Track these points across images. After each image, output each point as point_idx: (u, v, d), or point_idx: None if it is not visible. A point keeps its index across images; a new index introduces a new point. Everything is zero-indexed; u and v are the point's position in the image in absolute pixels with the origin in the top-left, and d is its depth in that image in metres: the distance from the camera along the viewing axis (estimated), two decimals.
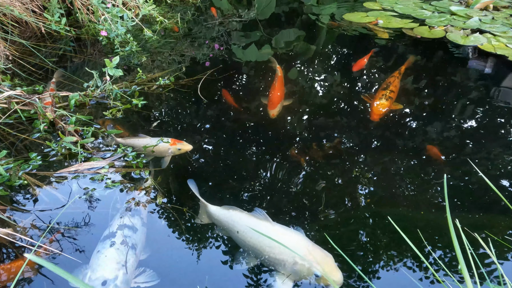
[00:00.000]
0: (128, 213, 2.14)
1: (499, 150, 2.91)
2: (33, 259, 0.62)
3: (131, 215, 2.13)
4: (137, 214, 2.16)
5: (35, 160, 2.56)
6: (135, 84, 3.52)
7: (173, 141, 2.60)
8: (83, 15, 4.58)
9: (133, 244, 1.95)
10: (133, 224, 2.06)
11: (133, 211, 2.17)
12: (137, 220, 2.11)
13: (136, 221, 2.10)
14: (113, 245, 1.91)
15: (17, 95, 2.84)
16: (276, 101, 3.25)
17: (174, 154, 2.63)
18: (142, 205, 2.26)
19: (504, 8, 5.79)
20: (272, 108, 3.20)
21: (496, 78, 3.99)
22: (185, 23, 5.18)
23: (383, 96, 3.26)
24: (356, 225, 2.28)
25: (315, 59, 4.48)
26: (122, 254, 1.87)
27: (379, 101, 3.22)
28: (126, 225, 2.04)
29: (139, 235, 2.04)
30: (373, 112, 3.16)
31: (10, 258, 1.99)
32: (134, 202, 2.31)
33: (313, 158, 2.78)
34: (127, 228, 2.02)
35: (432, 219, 2.30)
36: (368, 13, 5.64)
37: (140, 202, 2.28)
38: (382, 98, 3.24)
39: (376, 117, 3.12)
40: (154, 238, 2.15)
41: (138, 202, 2.27)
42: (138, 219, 2.13)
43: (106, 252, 1.87)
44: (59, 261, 1.98)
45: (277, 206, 2.40)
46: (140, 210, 2.21)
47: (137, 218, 2.13)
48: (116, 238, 1.95)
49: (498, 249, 2.07)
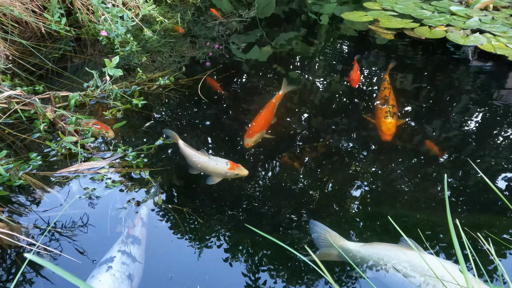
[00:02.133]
0: (130, 240, 2.04)
1: (499, 150, 2.91)
2: (33, 259, 0.62)
3: (131, 242, 2.03)
4: (137, 243, 2.05)
5: (35, 160, 2.56)
6: (135, 84, 3.52)
7: (231, 164, 2.51)
8: (83, 15, 4.58)
9: (130, 274, 1.85)
10: (133, 254, 1.96)
11: (133, 239, 2.06)
12: (136, 250, 2.01)
13: (135, 251, 1.99)
14: (109, 269, 1.82)
15: (17, 95, 2.84)
16: (255, 130, 2.89)
17: (229, 177, 2.53)
18: (141, 235, 2.12)
19: (504, 8, 5.79)
20: (248, 136, 2.84)
21: (496, 78, 3.99)
22: (185, 23, 5.18)
23: (388, 114, 3.06)
24: (356, 225, 2.28)
25: (315, 58, 4.48)
26: (117, 281, 1.77)
27: (386, 119, 3.01)
28: (125, 252, 1.95)
29: (137, 267, 1.93)
30: (384, 134, 2.94)
31: (11, 258, 1.99)
32: (135, 202, 2.31)
33: (309, 158, 2.78)
34: (126, 255, 1.93)
35: (432, 218, 2.30)
36: (368, 13, 5.64)
37: (140, 234, 2.13)
38: (387, 116, 3.04)
39: (388, 138, 2.92)
40: (154, 238, 2.15)
41: (139, 228, 2.17)
42: (138, 249, 2.02)
43: (101, 277, 1.78)
44: (59, 262, 1.98)
45: (276, 205, 2.40)
46: (140, 240, 2.09)
47: (136, 247, 2.02)
48: (114, 263, 1.86)
49: (498, 249, 2.07)
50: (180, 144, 2.70)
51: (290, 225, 2.28)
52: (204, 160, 2.56)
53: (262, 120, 2.99)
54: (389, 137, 2.93)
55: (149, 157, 2.69)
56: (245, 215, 2.34)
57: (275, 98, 3.27)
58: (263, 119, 3.00)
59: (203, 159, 2.56)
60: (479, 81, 3.94)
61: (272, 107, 3.17)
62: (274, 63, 4.23)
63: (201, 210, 2.35)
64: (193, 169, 2.58)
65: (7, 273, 1.91)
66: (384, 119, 3.04)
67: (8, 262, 1.96)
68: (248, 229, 2.10)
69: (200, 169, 2.56)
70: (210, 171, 2.53)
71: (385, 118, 3.04)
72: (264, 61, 4.30)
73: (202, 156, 2.58)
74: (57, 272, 0.59)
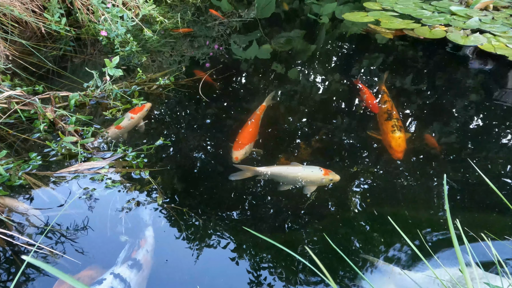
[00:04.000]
0: (129, 263, 1.91)
1: (499, 150, 2.91)
2: (31, 261, 0.62)
3: (129, 266, 1.89)
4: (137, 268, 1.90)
5: (35, 160, 2.56)
6: (135, 84, 3.52)
7: (325, 170, 2.49)
8: (83, 15, 4.58)
9: None
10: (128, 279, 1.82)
11: (133, 263, 1.92)
12: (133, 275, 1.85)
13: (132, 277, 1.84)
14: None
15: (17, 95, 2.84)
16: (244, 142, 2.73)
17: (324, 184, 2.51)
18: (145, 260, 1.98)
19: (504, 8, 5.78)
20: (237, 148, 2.68)
21: (496, 78, 3.99)
22: (185, 23, 5.18)
23: (394, 128, 2.89)
24: (355, 225, 2.28)
25: (314, 58, 4.48)
26: None
27: (394, 134, 2.84)
28: (119, 276, 1.81)
29: None
30: (396, 151, 2.74)
31: (9, 259, 1.99)
32: (135, 202, 2.31)
33: (308, 157, 2.78)
34: (119, 279, 1.80)
35: (432, 218, 2.30)
36: (368, 13, 5.64)
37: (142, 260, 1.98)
38: (394, 131, 2.86)
39: (400, 155, 2.73)
40: (154, 238, 2.15)
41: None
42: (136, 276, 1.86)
43: None
44: (59, 262, 1.98)
45: (277, 205, 2.40)
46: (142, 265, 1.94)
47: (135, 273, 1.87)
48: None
49: (498, 249, 2.07)
50: (264, 170, 2.53)
51: (290, 225, 2.28)
52: (299, 170, 2.50)
53: (249, 132, 2.86)
54: (401, 154, 2.73)
55: (149, 157, 2.69)
56: (245, 215, 2.34)
57: (259, 109, 3.13)
58: (250, 131, 2.87)
59: (298, 170, 2.50)
60: (479, 81, 3.94)
61: (257, 119, 3.04)
62: (273, 62, 4.23)
63: (201, 210, 2.35)
64: (285, 185, 2.50)
65: (7, 273, 1.90)
66: (392, 133, 2.84)
67: (8, 262, 1.96)
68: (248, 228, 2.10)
69: (294, 181, 2.49)
70: (306, 180, 2.48)
71: (393, 133, 2.84)
72: (263, 60, 4.30)
73: (296, 168, 2.52)
74: (55, 274, 0.59)
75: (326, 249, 2.09)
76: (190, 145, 2.91)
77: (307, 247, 2.11)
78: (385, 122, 3.02)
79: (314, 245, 2.13)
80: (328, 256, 2.08)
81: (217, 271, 2.02)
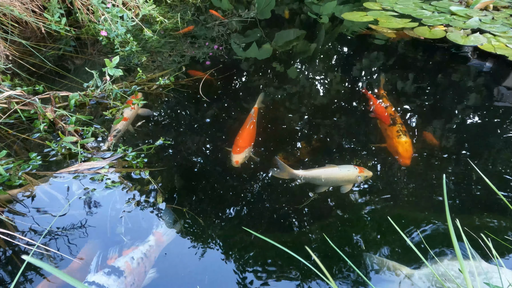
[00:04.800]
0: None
1: (499, 150, 2.91)
2: (31, 261, 0.62)
3: (105, 273, 1.80)
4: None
5: (35, 160, 2.56)
6: (135, 84, 3.52)
7: (359, 168, 2.51)
8: (83, 15, 4.58)
9: None
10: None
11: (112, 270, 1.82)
12: (112, 281, 1.78)
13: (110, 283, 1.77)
14: None
15: (17, 95, 2.84)
16: (242, 145, 2.68)
17: (358, 182, 2.53)
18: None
19: (504, 8, 5.78)
20: (237, 152, 2.64)
21: (496, 78, 3.99)
22: (185, 23, 5.18)
23: (399, 133, 2.83)
24: (355, 225, 2.28)
25: (314, 58, 4.48)
26: None
27: (400, 139, 2.77)
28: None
29: None
30: (404, 157, 2.67)
31: (8, 259, 1.99)
32: (135, 202, 2.32)
33: (307, 157, 2.78)
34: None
35: (432, 219, 2.30)
36: (368, 13, 5.64)
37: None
38: (400, 136, 2.80)
39: (408, 161, 2.67)
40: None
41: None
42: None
43: None
44: (59, 262, 1.98)
45: (277, 205, 2.40)
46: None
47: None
48: None
49: (498, 249, 2.07)
50: (301, 173, 2.54)
51: (290, 224, 2.28)
52: (336, 171, 2.52)
53: (247, 134, 2.83)
54: (409, 160, 2.66)
55: (149, 157, 2.69)
56: (245, 215, 2.34)
57: (253, 112, 3.10)
58: (248, 134, 2.85)
59: (334, 171, 2.53)
60: (479, 81, 3.94)
61: (253, 121, 3.00)
62: (273, 62, 4.23)
63: (201, 210, 2.35)
64: (322, 187, 2.50)
65: (6, 273, 1.91)
66: (398, 139, 2.76)
67: (8, 262, 1.96)
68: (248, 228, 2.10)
69: (332, 183, 2.51)
70: (343, 180, 2.50)
71: (399, 138, 2.77)
72: (263, 59, 4.30)
73: (332, 169, 2.54)
74: (55, 274, 0.59)
75: (326, 248, 2.09)
76: (190, 145, 2.91)
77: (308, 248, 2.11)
78: (388, 127, 2.94)
79: (314, 245, 2.13)
80: (327, 255, 2.08)
81: (217, 271, 2.02)
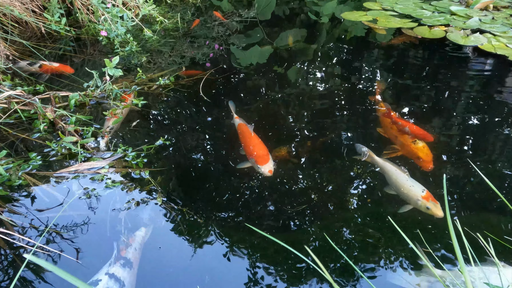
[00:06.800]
0: (120, 262, 1.90)
1: (499, 150, 2.91)
2: (32, 259, 0.62)
3: (121, 265, 1.89)
4: (128, 267, 1.90)
5: (35, 160, 2.56)
6: (135, 84, 3.52)
7: (428, 194, 2.27)
8: (83, 15, 4.58)
9: None
10: (122, 278, 1.83)
11: (125, 262, 1.91)
12: (127, 274, 1.86)
13: (125, 275, 1.85)
14: None
15: (17, 95, 2.84)
16: (264, 153, 2.59)
17: (419, 207, 2.27)
18: (134, 258, 1.97)
19: (504, 8, 5.78)
20: (265, 162, 2.50)
21: (496, 78, 3.99)
22: (185, 23, 5.18)
23: (414, 138, 2.79)
24: (355, 224, 2.28)
25: (315, 58, 4.48)
26: None
27: (417, 145, 2.72)
28: (113, 275, 1.81)
29: None
30: (427, 161, 2.63)
31: (8, 259, 1.99)
32: (135, 202, 2.32)
33: (308, 156, 2.78)
34: (114, 279, 1.82)
35: (432, 218, 2.30)
36: (368, 13, 5.64)
37: (133, 257, 1.98)
38: (415, 142, 2.75)
39: (431, 165, 2.62)
40: (154, 238, 2.15)
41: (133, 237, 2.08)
42: (128, 273, 1.86)
43: None
44: (59, 262, 1.98)
45: (277, 205, 2.40)
46: (132, 264, 1.94)
47: (127, 271, 1.87)
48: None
49: (498, 249, 2.07)
50: (379, 161, 2.55)
51: (290, 224, 2.28)
52: (402, 178, 2.38)
53: (258, 142, 2.73)
54: (432, 163, 2.61)
55: (149, 157, 2.69)
56: (245, 214, 2.34)
57: (241, 122, 2.96)
58: (258, 141, 2.75)
59: (402, 176, 2.39)
60: (479, 81, 3.94)
61: (249, 130, 2.85)
62: (274, 63, 4.23)
63: (201, 209, 2.35)
64: (389, 189, 2.43)
65: (6, 273, 1.91)
66: (415, 145, 2.73)
67: (8, 263, 1.96)
68: (248, 228, 2.11)
69: (395, 187, 2.40)
70: (403, 193, 2.33)
71: (415, 144, 2.74)
72: (263, 60, 4.29)
73: (401, 174, 2.42)
74: (56, 273, 0.59)
75: (325, 249, 2.09)
76: (190, 145, 2.91)
77: (306, 247, 2.11)
78: (399, 134, 2.89)
79: (314, 245, 2.13)
80: (328, 255, 2.08)
81: (217, 270, 2.02)
